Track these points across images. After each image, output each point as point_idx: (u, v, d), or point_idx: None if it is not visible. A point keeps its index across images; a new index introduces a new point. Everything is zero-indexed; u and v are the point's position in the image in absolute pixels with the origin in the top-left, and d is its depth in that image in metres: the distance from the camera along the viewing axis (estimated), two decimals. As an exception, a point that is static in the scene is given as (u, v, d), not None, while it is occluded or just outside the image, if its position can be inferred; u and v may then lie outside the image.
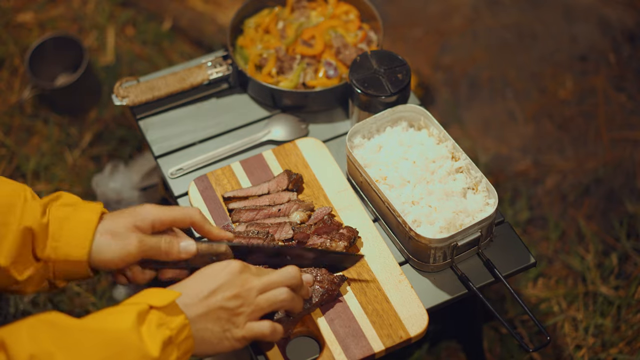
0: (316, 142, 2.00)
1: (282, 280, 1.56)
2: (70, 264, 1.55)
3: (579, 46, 3.18)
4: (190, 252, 1.61)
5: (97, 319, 1.39)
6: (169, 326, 1.41)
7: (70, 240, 1.54)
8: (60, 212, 1.56)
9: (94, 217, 1.56)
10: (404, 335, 1.68)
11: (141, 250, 1.56)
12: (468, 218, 1.78)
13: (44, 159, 2.92)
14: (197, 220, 1.64)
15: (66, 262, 1.54)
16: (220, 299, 1.49)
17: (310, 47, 2.15)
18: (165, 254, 1.59)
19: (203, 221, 1.65)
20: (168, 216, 1.61)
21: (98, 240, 1.55)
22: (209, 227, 1.66)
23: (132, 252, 1.56)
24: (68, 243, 1.54)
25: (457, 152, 1.85)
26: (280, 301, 1.55)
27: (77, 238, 1.54)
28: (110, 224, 1.57)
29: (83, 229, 1.55)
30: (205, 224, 1.65)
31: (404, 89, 1.95)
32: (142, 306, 1.41)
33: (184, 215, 1.63)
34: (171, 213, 1.62)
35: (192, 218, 1.63)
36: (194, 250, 1.61)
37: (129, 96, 2.10)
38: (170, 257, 1.60)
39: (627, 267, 2.60)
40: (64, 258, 1.54)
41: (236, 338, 1.51)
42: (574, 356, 2.42)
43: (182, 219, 1.63)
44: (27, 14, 3.34)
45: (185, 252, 1.60)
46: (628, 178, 2.81)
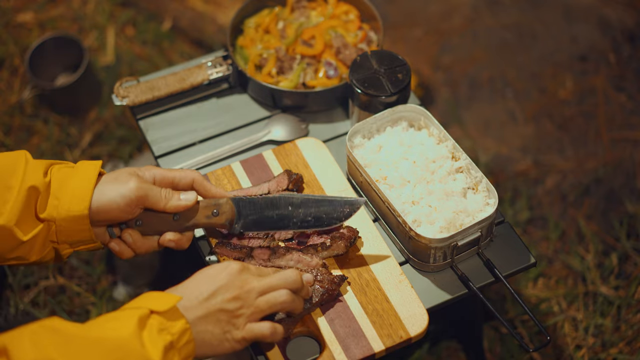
0: (316, 142, 2.00)
1: (283, 283, 1.56)
2: (72, 220, 1.56)
3: (579, 46, 3.19)
4: (190, 200, 1.63)
5: (99, 326, 1.38)
6: (170, 331, 1.41)
7: (71, 197, 1.56)
8: (61, 172, 1.59)
9: (93, 173, 1.59)
10: (404, 335, 1.68)
11: (140, 196, 1.59)
12: (468, 218, 1.78)
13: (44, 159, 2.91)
14: (197, 178, 1.67)
15: (68, 219, 1.56)
16: (220, 300, 1.49)
17: (311, 47, 2.15)
18: (165, 202, 1.62)
19: (203, 179, 1.68)
20: (168, 171, 1.65)
21: (98, 188, 1.58)
22: (209, 185, 1.69)
23: (132, 189, 1.58)
24: (69, 199, 1.56)
25: (457, 152, 1.85)
26: (280, 303, 1.54)
27: (78, 193, 1.56)
28: (110, 174, 1.61)
29: (83, 183, 1.57)
30: (205, 182, 1.68)
31: (404, 89, 1.95)
32: (142, 311, 1.40)
33: (184, 173, 1.66)
34: (172, 171, 1.66)
35: (193, 176, 1.67)
36: (194, 198, 1.64)
37: (129, 96, 2.10)
38: (170, 204, 1.62)
39: (627, 267, 2.60)
40: (66, 214, 1.56)
41: (236, 339, 1.51)
42: (574, 356, 2.42)
43: (183, 177, 1.66)
44: (27, 14, 3.34)
45: (186, 200, 1.63)
46: (628, 178, 2.81)
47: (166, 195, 1.62)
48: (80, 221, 1.56)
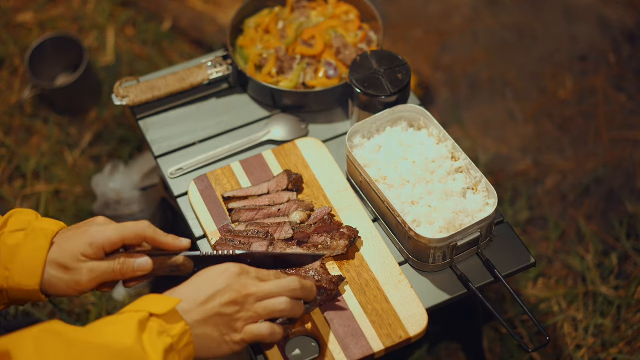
0: (316, 142, 2.00)
1: (282, 292, 1.55)
2: (24, 292, 1.53)
3: (579, 46, 3.18)
4: (146, 269, 1.57)
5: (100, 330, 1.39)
6: (170, 334, 1.41)
7: (22, 270, 1.52)
8: (10, 240, 1.54)
9: (44, 245, 1.53)
10: (404, 335, 1.67)
11: (93, 279, 1.54)
12: (468, 218, 1.77)
13: (44, 159, 2.92)
14: (148, 236, 1.59)
15: (20, 291, 1.53)
16: (218, 304, 1.49)
17: (311, 47, 2.15)
18: (121, 275, 1.56)
19: (155, 235, 1.59)
20: (117, 237, 1.56)
21: (48, 272, 1.53)
22: (163, 239, 1.60)
23: (83, 283, 1.54)
24: (20, 273, 1.52)
25: (457, 152, 1.85)
26: (280, 310, 1.54)
27: (28, 268, 1.52)
28: (59, 254, 1.54)
29: (33, 258, 1.52)
30: (157, 237, 1.60)
31: (404, 89, 1.95)
32: (142, 314, 1.41)
33: (134, 233, 1.58)
34: (121, 232, 1.57)
35: (143, 234, 1.59)
36: (149, 267, 1.58)
37: (129, 96, 2.10)
38: (127, 276, 1.57)
39: (627, 267, 2.60)
40: (17, 287, 1.53)
41: (235, 341, 1.51)
42: (574, 356, 2.42)
43: (133, 237, 1.58)
44: (27, 14, 3.34)
45: (142, 270, 1.57)
46: (628, 178, 2.81)
47: (121, 270, 1.56)
48: (32, 293, 1.54)
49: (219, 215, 1.88)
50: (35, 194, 2.84)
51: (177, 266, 1.61)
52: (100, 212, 2.63)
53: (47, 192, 2.83)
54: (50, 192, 2.83)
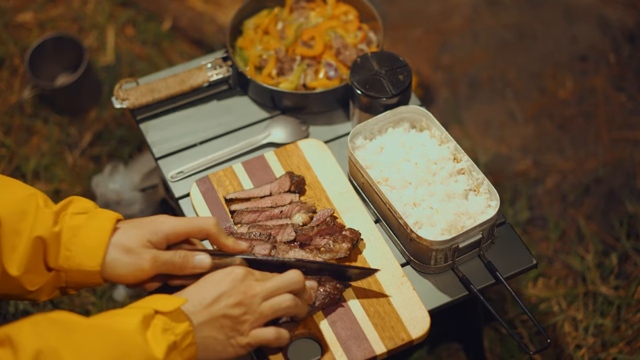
0: (318, 144, 1.99)
1: (285, 285, 1.55)
2: (83, 274, 1.54)
3: (579, 46, 3.19)
4: (204, 267, 1.59)
5: (103, 319, 1.39)
6: (174, 332, 1.41)
7: (84, 251, 1.52)
8: (73, 221, 1.55)
9: (107, 227, 1.54)
10: (406, 337, 1.68)
11: (155, 267, 1.55)
12: (469, 220, 1.77)
13: (44, 159, 2.92)
14: (212, 233, 1.61)
15: (79, 272, 1.53)
16: (223, 306, 1.49)
17: (310, 48, 2.15)
18: (180, 269, 1.58)
19: (218, 234, 1.61)
20: (183, 229, 1.59)
21: (111, 254, 1.54)
22: (224, 240, 1.62)
23: (145, 269, 1.54)
24: (81, 253, 1.52)
25: (459, 153, 1.85)
26: (284, 308, 1.54)
27: (91, 248, 1.52)
28: (123, 238, 1.55)
29: (96, 239, 1.53)
30: (220, 237, 1.62)
31: (405, 91, 1.95)
32: (147, 310, 1.41)
33: (199, 228, 1.60)
34: (186, 225, 1.59)
35: (208, 230, 1.60)
36: (208, 265, 1.59)
37: (129, 99, 2.10)
38: (185, 271, 1.58)
39: (627, 267, 2.60)
40: (77, 268, 1.53)
41: (241, 345, 1.51)
42: (574, 356, 2.42)
43: (198, 232, 1.60)
44: (27, 14, 3.34)
45: (200, 267, 1.59)
46: (628, 178, 2.82)
47: (180, 264, 1.57)
48: (91, 275, 1.54)
49: (221, 217, 1.88)
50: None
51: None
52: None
53: (47, 192, 2.83)
54: (50, 192, 2.83)
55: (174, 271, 1.58)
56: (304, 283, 1.59)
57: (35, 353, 1.27)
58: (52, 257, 1.53)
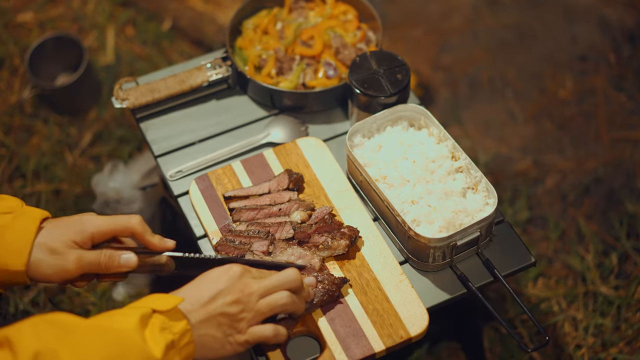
0: (317, 142, 2.00)
1: (282, 283, 1.55)
2: (8, 273, 1.53)
3: (579, 46, 3.19)
4: (130, 266, 1.58)
5: (101, 320, 1.39)
6: (172, 330, 1.41)
7: (8, 251, 1.52)
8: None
9: (32, 227, 1.54)
10: (405, 335, 1.67)
11: (79, 267, 1.54)
12: (467, 218, 1.77)
13: (44, 158, 2.92)
14: (137, 231, 1.60)
15: (4, 272, 1.53)
16: (221, 304, 1.49)
17: (309, 48, 2.15)
18: (106, 268, 1.57)
19: (143, 231, 1.60)
20: (107, 228, 1.58)
21: (35, 254, 1.53)
22: (150, 238, 1.61)
23: (69, 270, 1.54)
24: (6, 253, 1.52)
25: (457, 151, 1.85)
26: (281, 305, 1.54)
27: (15, 248, 1.52)
28: (48, 238, 1.54)
29: (21, 239, 1.52)
30: (145, 235, 1.61)
31: (404, 90, 1.95)
32: (145, 309, 1.41)
33: (123, 227, 1.59)
34: (111, 224, 1.58)
35: (133, 229, 1.59)
36: (134, 264, 1.58)
37: (129, 99, 2.10)
38: (111, 270, 1.57)
39: (627, 267, 2.60)
40: (2, 267, 1.52)
41: (239, 342, 1.51)
42: (574, 356, 2.42)
43: (122, 230, 1.59)
44: (27, 14, 3.34)
45: (126, 266, 1.58)
46: (628, 178, 2.81)
47: (106, 264, 1.57)
48: (16, 275, 1.53)
49: (219, 215, 1.88)
50: (35, 193, 2.84)
51: (160, 265, 1.62)
52: (100, 211, 2.63)
53: (47, 192, 2.83)
54: (50, 192, 2.84)
55: (100, 270, 1.57)
56: (301, 281, 1.59)
57: (33, 354, 1.28)
58: None
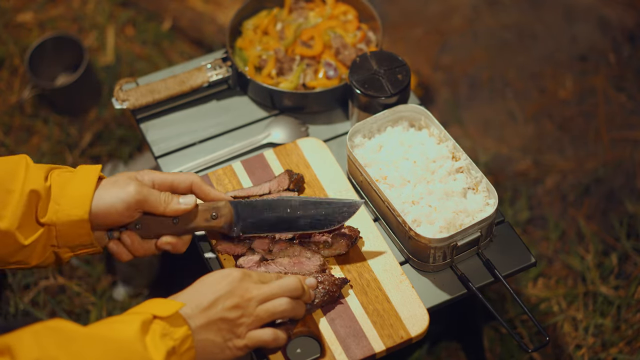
0: (317, 142, 2.00)
1: (283, 291, 1.55)
2: (72, 225, 1.56)
3: (579, 46, 3.19)
4: (189, 204, 1.63)
5: (102, 327, 1.39)
6: (173, 336, 1.41)
7: (71, 201, 1.56)
8: (61, 177, 1.59)
9: (92, 178, 1.59)
10: (405, 335, 1.68)
11: (140, 195, 1.59)
12: (468, 218, 1.77)
13: (44, 159, 2.92)
14: (196, 181, 1.68)
15: (68, 224, 1.56)
16: (220, 309, 1.49)
17: (310, 48, 2.15)
18: (165, 204, 1.62)
19: (202, 182, 1.69)
20: (169, 176, 1.66)
21: (98, 192, 1.58)
22: (208, 188, 1.70)
23: (131, 193, 1.58)
24: (69, 203, 1.56)
25: (458, 152, 1.85)
26: (281, 312, 1.54)
27: (78, 197, 1.56)
28: (110, 179, 1.61)
29: (83, 187, 1.57)
30: (204, 185, 1.69)
31: (404, 90, 1.95)
32: (145, 315, 1.41)
33: (183, 177, 1.67)
34: (170, 174, 1.67)
35: (192, 179, 1.68)
36: (192, 202, 1.64)
37: (129, 99, 2.10)
38: (170, 208, 1.63)
39: (627, 267, 2.60)
40: (66, 219, 1.55)
41: (238, 347, 1.51)
42: (574, 356, 2.42)
43: (182, 180, 1.67)
44: (27, 14, 3.34)
45: (185, 204, 1.63)
46: (628, 178, 2.82)
47: (165, 199, 1.62)
48: (80, 225, 1.56)
49: (219, 216, 1.88)
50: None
51: (218, 209, 1.68)
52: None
53: (47, 192, 2.83)
54: (50, 192, 2.83)
55: (159, 207, 1.62)
56: (302, 289, 1.58)
57: None
58: (42, 212, 1.55)
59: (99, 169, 1.62)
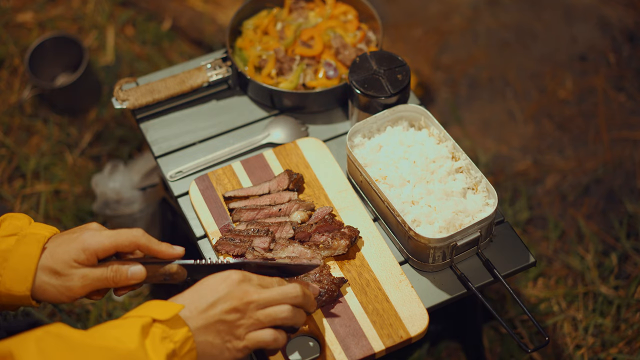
0: (317, 142, 2.00)
1: (284, 298, 1.53)
2: (14, 297, 1.52)
3: (579, 46, 3.19)
4: (139, 278, 1.57)
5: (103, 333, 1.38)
6: (173, 339, 1.41)
7: (12, 276, 1.51)
8: (2, 244, 1.53)
9: (35, 251, 1.52)
10: (404, 335, 1.68)
11: (85, 286, 1.53)
12: (468, 218, 1.77)
13: (44, 159, 2.92)
14: (142, 244, 1.58)
15: (9, 296, 1.52)
16: (219, 312, 1.48)
17: (310, 48, 2.15)
18: (114, 283, 1.55)
19: (149, 243, 1.58)
20: (111, 244, 1.55)
21: (40, 277, 1.52)
22: (157, 247, 1.59)
23: (75, 289, 1.53)
24: (10, 278, 1.51)
25: (457, 152, 1.85)
26: (281, 319, 1.52)
27: (19, 273, 1.51)
28: (50, 260, 1.53)
29: (24, 264, 1.51)
30: (151, 245, 1.58)
31: (404, 90, 1.95)
32: (145, 319, 1.40)
33: (127, 239, 1.57)
34: (114, 240, 1.56)
35: (137, 242, 1.57)
36: (143, 276, 1.57)
37: (129, 99, 2.10)
38: (119, 284, 1.56)
39: (627, 267, 2.60)
40: (7, 292, 1.51)
41: (238, 349, 1.50)
42: (574, 356, 2.42)
43: (127, 244, 1.57)
44: (27, 14, 3.34)
45: (135, 278, 1.57)
46: (628, 178, 2.82)
47: (114, 278, 1.55)
48: (22, 299, 1.52)
49: (219, 215, 1.88)
50: (35, 193, 2.84)
51: (171, 274, 1.60)
52: (100, 211, 2.63)
53: (47, 192, 2.83)
54: (50, 192, 2.83)
55: (109, 285, 1.56)
56: (303, 297, 1.56)
57: None
58: None
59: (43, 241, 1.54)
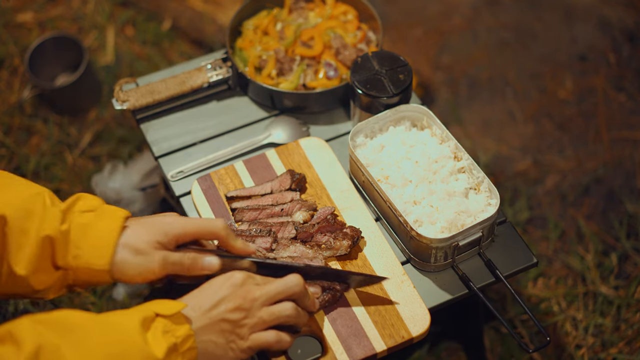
0: (319, 142, 2.00)
1: (285, 289, 1.54)
2: (92, 272, 1.52)
3: (579, 46, 3.19)
4: (213, 269, 1.58)
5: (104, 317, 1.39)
6: (175, 334, 1.41)
7: (92, 250, 1.51)
8: (81, 219, 1.53)
9: (116, 226, 1.53)
10: (406, 335, 1.68)
11: (163, 268, 1.54)
12: (470, 218, 1.77)
13: (44, 159, 2.92)
14: (221, 235, 1.59)
15: (87, 271, 1.52)
16: (223, 311, 1.48)
17: (310, 48, 2.15)
18: (188, 270, 1.56)
19: (227, 235, 1.60)
20: (192, 230, 1.58)
21: (120, 254, 1.52)
22: (233, 242, 1.61)
23: (154, 270, 1.53)
24: (90, 252, 1.51)
25: (460, 152, 1.85)
26: (285, 317, 1.53)
27: (99, 248, 1.51)
28: (132, 238, 1.53)
29: (105, 238, 1.51)
30: (229, 239, 1.60)
31: (406, 90, 1.95)
32: (147, 312, 1.41)
33: (208, 230, 1.59)
34: (196, 227, 1.58)
35: (217, 233, 1.59)
36: (217, 267, 1.58)
37: (129, 100, 2.10)
38: (193, 272, 1.57)
39: (627, 267, 2.60)
40: (86, 266, 1.51)
41: (241, 349, 1.50)
42: (574, 356, 2.42)
43: (207, 234, 1.59)
44: (27, 14, 3.34)
45: (209, 268, 1.57)
46: (628, 178, 2.82)
47: (189, 265, 1.56)
48: (100, 274, 1.52)
49: (221, 215, 1.88)
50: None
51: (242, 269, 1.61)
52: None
53: (47, 192, 2.83)
54: (50, 192, 2.83)
55: (183, 272, 1.56)
56: (304, 287, 1.58)
57: (36, 348, 1.27)
58: (61, 256, 1.51)
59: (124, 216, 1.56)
